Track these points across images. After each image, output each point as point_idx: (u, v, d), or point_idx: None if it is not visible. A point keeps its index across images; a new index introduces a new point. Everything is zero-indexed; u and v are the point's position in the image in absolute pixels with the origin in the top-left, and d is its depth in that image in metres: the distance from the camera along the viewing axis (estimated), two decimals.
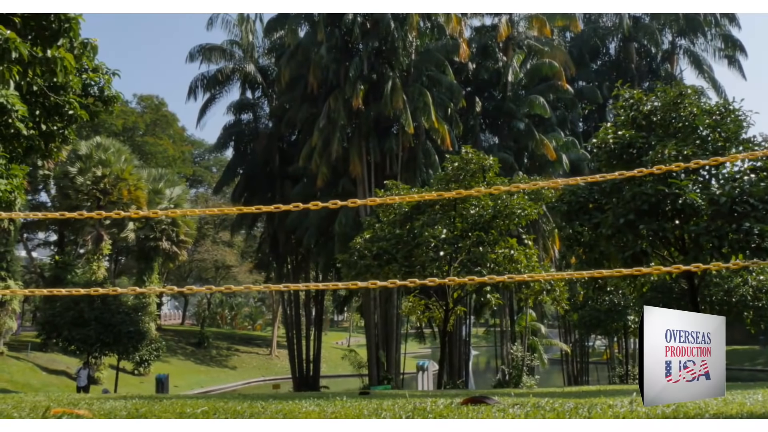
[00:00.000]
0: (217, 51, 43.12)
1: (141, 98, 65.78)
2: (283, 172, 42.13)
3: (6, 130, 14.55)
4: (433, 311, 23.65)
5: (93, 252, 44.64)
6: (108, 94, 16.78)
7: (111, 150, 43.98)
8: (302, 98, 38.09)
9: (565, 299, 22.20)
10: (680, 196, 14.76)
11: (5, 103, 13.71)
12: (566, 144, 41.93)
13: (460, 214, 21.35)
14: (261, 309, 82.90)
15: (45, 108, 15.69)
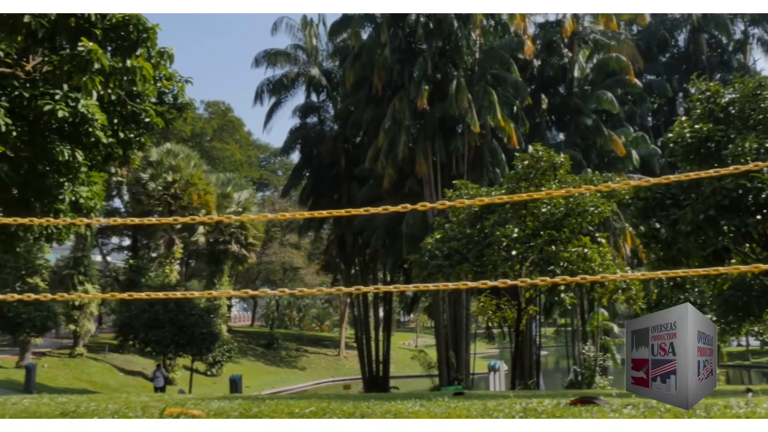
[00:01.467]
0: (282, 55, 43.64)
1: (208, 104, 67.06)
2: (349, 174, 42.34)
3: (87, 139, 14.95)
4: (505, 311, 23.40)
5: (165, 256, 45.71)
6: (181, 101, 17.12)
7: (181, 156, 44.93)
8: (367, 100, 38.21)
9: (641, 298, 21.68)
10: (763, 191, 14.24)
11: (86, 113, 14.08)
12: (636, 139, 41.04)
13: (531, 212, 21.06)
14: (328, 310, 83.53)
15: (122, 116, 16.10)
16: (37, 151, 15.45)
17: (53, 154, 15.00)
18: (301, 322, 79.71)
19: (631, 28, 49.20)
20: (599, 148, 39.91)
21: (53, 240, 18.81)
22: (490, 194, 21.59)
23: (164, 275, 44.33)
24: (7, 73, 11.84)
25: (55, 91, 14.33)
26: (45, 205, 16.68)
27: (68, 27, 10.74)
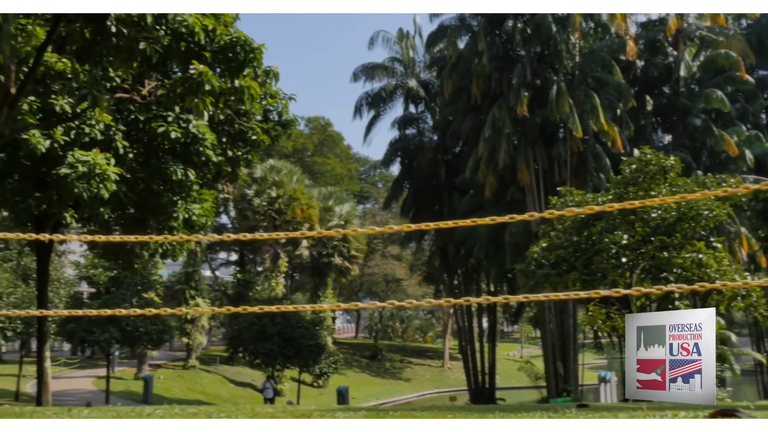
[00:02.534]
0: (380, 69, 44.04)
1: (309, 120, 68.39)
2: (450, 184, 42.20)
3: (198, 158, 15.52)
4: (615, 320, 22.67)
5: (271, 269, 46.78)
6: (286, 118, 17.53)
7: (283, 171, 45.99)
8: (466, 109, 38.01)
9: (762, 305, 20.55)
10: None
11: (197, 133, 14.63)
12: (749, 138, 39.09)
13: (640, 218, 20.35)
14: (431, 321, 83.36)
15: (231, 135, 16.63)
16: (152, 171, 16.16)
17: (167, 174, 15.64)
18: (404, 333, 79.84)
19: (739, 22, 47.01)
20: (710, 148, 38.24)
21: (168, 256, 19.60)
22: (597, 200, 21.01)
23: (270, 289, 45.41)
24: (124, 98, 12.41)
25: (167, 114, 14.96)
26: (160, 222, 17.41)
27: (180, 51, 11.16)
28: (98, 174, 13.32)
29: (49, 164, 14.59)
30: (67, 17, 10.57)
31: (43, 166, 15.09)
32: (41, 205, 15.59)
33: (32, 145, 13.73)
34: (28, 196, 15.79)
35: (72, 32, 11.36)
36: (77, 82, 11.10)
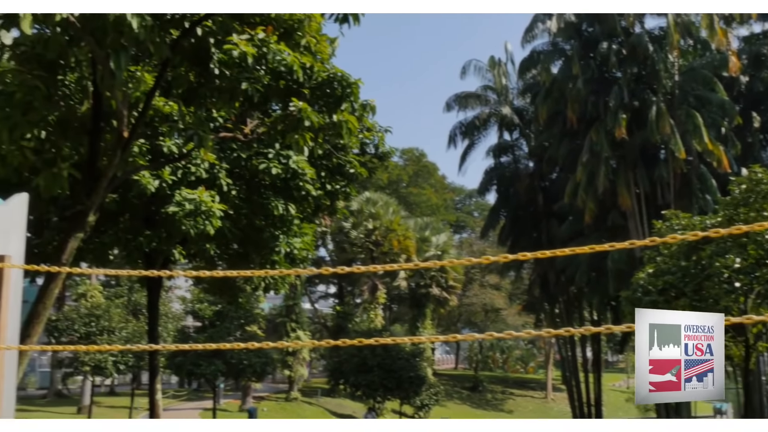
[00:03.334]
0: (473, 98, 44.03)
1: (403, 151, 68.93)
2: (548, 211, 41.51)
3: (298, 193, 15.82)
4: (730, 349, 21.59)
5: (369, 301, 47.08)
6: (382, 150, 17.70)
7: (379, 203, 46.39)
8: (561, 134, 37.44)
9: None
10: None
11: (297, 168, 14.94)
12: None
13: (754, 240, 19.40)
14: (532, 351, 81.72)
15: (329, 169, 16.91)
16: (254, 206, 16.58)
17: (269, 209, 16.01)
18: (505, 363, 78.50)
19: None
20: None
21: (270, 290, 20.00)
22: (705, 223, 20.18)
23: (369, 320, 45.65)
24: (228, 137, 12.83)
25: (268, 150, 15.36)
26: (262, 257, 17.79)
27: (279, 90, 11.46)
28: (204, 211, 13.75)
29: (158, 203, 15.18)
30: (173, 63, 11.04)
31: (153, 205, 15.72)
32: (151, 243, 16.22)
33: (142, 185, 14.33)
34: (138, 234, 16.46)
35: (178, 76, 11.86)
36: (183, 123, 11.55)
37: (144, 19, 8.60)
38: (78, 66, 11.73)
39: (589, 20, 37.09)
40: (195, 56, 11.08)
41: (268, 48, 10.85)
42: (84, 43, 9.44)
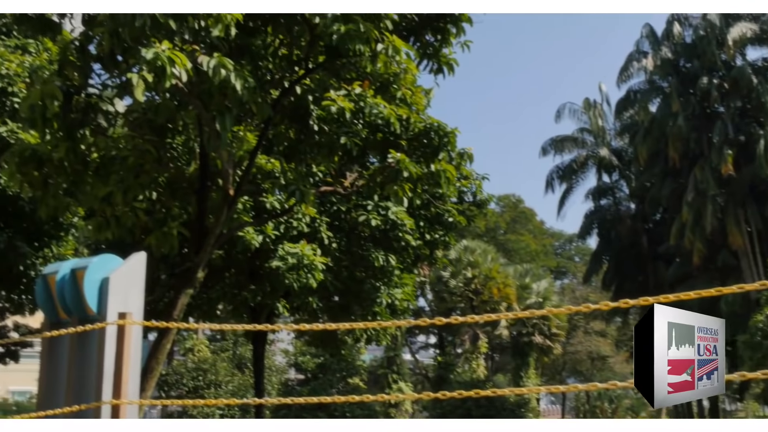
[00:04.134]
0: (569, 141, 43.48)
1: (499, 198, 68.44)
2: (653, 253, 40.15)
3: (397, 244, 15.90)
4: None
5: (471, 351, 46.34)
6: (480, 198, 17.64)
7: (477, 251, 45.96)
8: (663, 174, 36.37)
9: None
10: None
11: (396, 219, 15.03)
12: None
13: None
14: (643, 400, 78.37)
15: (428, 218, 16.95)
16: (355, 258, 16.75)
17: (369, 261, 16.15)
18: (615, 414, 75.47)
19: None
20: None
21: (372, 341, 20.02)
22: None
23: (471, 370, 44.87)
24: (328, 191, 13.06)
25: (367, 202, 15.54)
26: (364, 308, 17.88)
27: (377, 142, 11.61)
28: (306, 265, 14.00)
29: (262, 258, 15.56)
30: (274, 121, 11.39)
31: (257, 260, 16.12)
32: (256, 297, 16.58)
33: (247, 241, 14.74)
34: (244, 288, 16.87)
35: (279, 134, 12.24)
36: (285, 179, 11.84)
37: (247, 81, 8.93)
38: (185, 129, 12.28)
39: (687, 56, 36.24)
40: (295, 114, 11.42)
41: (365, 102, 11.06)
42: (191, 107, 9.87)
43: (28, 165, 10.88)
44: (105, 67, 9.58)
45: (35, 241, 19.13)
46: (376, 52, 9.90)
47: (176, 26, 8.48)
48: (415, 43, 11.35)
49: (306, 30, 10.78)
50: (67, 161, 10.66)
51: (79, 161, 10.72)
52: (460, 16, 11.02)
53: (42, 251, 19.31)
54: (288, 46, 11.31)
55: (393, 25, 10.38)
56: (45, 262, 19.16)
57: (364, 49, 9.59)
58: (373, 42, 9.63)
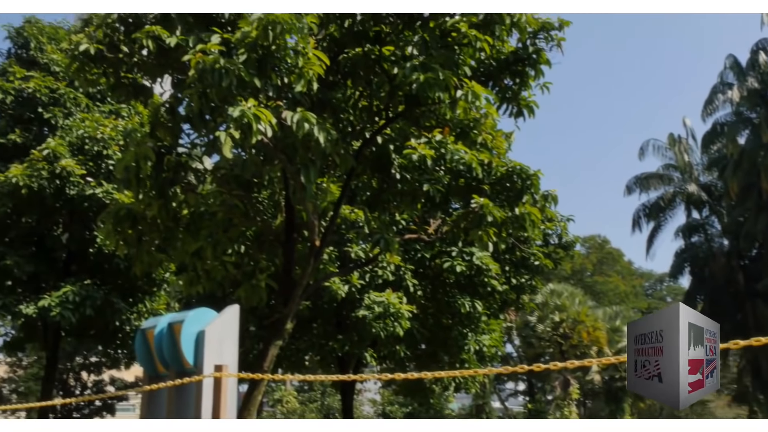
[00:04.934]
0: (654, 178, 42.42)
1: (585, 239, 67.10)
2: (751, 291, 38.41)
3: (483, 289, 15.73)
4: None
5: (562, 398, 45.08)
6: (566, 240, 17.33)
7: (564, 295, 45.03)
8: (758, 208, 34.96)
9: None
10: None
11: (481, 265, 14.90)
12: None
13: None
14: None
15: (513, 263, 16.74)
16: (441, 305, 16.65)
17: (455, 307, 16.01)
18: None
19: None
20: None
21: (460, 389, 19.72)
22: None
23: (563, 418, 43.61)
24: (412, 238, 13.08)
25: (451, 249, 15.48)
26: (451, 356, 17.69)
27: (460, 188, 11.61)
28: (393, 313, 13.99)
29: (348, 307, 15.63)
30: (357, 172, 11.54)
31: (343, 309, 16.20)
32: (344, 347, 16.61)
33: (333, 291, 14.86)
34: (331, 338, 16.94)
35: (362, 184, 12.38)
36: (369, 229, 11.92)
37: (329, 133, 9.10)
38: (270, 183, 12.58)
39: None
40: (377, 163, 11.55)
41: (446, 149, 11.10)
42: (276, 161, 10.11)
43: (123, 224, 11.33)
44: (194, 126, 9.93)
45: (130, 297, 19.79)
46: (455, 98, 9.96)
47: (260, 84, 8.75)
48: (494, 88, 11.37)
49: (385, 81, 10.95)
50: (160, 218, 11.05)
51: (170, 218, 11.09)
52: (539, 59, 11.00)
53: (136, 307, 19.93)
54: (368, 98, 11.51)
55: (471, 70, 10.45)
56: (139, 317, 19.76)
57: (443, 97, 9.66)
58: (452, 89, 9.69)
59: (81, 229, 19.22)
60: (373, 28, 10.75)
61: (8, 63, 21.31)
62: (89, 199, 17.72)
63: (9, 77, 20.57)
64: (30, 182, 17.07)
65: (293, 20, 8.73)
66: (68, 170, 17.32)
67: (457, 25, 10.13)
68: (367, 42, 10.86)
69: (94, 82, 10.73)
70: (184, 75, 9.08)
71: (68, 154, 17.82)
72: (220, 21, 9.48)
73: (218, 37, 8.85)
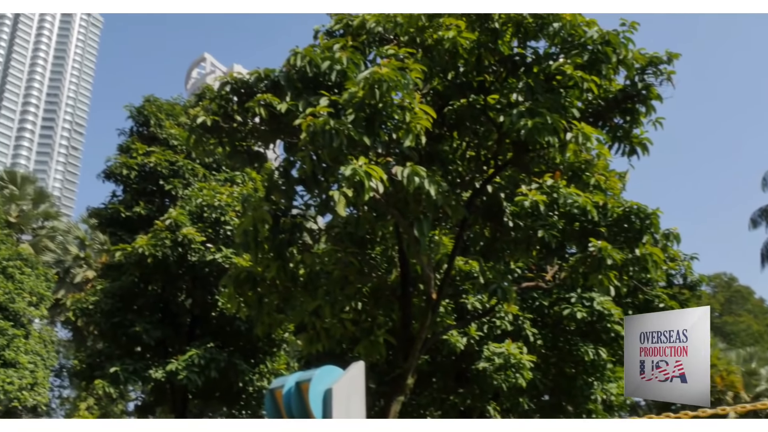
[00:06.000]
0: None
1: (710, 278, 64.00)
2: None
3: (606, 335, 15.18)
4: None
5: None
6: (691, 279, 16.57)
7: None
8: None
9: None
10: None
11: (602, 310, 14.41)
12: None
13: None
14: None
15: (636, 306, 16.11)
16: (562, 354, 16.15)
17: (578, 355, 15.49)
18: None
19: None
20: None
21: None
22: None
23: None
24: (529, 286, 12.82)
25: (570, 295, 15.06)
26: (577, 406, 17.05)
27: (575, 232, 11.31)
28: (513, 364, 13.67)
29: (467, 360, 15.39)
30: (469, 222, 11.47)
31: (463, 362, 15.96)
32: (465, 400, 16.31)
33: (452, 344, 14.69)
34: (452, 392, 16.68)
35: (474, 234, 12.28)
36: (484, 279, 11.77)
37: (440, 186, 9.12)
38: (383, 238, 12.67)
39: None
40: (488, 212, 11.45)
41: (558, 193, 10.88)
42: (389, 217, 10.18)
43: (243, 286, 11.64)
44: (307, 187, 10.17)
45: (251, 358, 20.23)
46: (565, 141, 9.81)
47: (370, 142, 8.90)
48: (604, 127, 11.15)
49: (492, 129, 10.93)
50: (278, 279, 11.30)
51: (288, 279, 11.32)
52: (649, 95, 10.73)
53: (258, 367, 20.33)
54: (475, 147, 11.50)
55: (579, 112, 10.29)
56: (261, 378, 20.13)
57: (552, 141, 9.53)
58: (561, 132, 9.56)
59: (203, 293, 19.91)
60: (476, 79, 10.79)
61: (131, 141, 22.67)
62: (210, 264, 18.38)
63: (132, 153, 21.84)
64: (155, 251, 17.89)
65: (398, 77, 8.88)
66: (189, 238, 18.07)
67: (561, 68, 10.03)
68: (471, 92, 10.90)
69: (211, 152, 11.22)
70: (296, 138, 9.35)
71: (188, 222, 18.61)
72: (327, 84, 9.74)
73: (326, 99, 9.09)
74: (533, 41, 10.80)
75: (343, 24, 10.83)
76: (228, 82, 10.47)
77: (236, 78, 10.50)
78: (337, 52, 9.70)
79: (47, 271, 28.38)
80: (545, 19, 10.21)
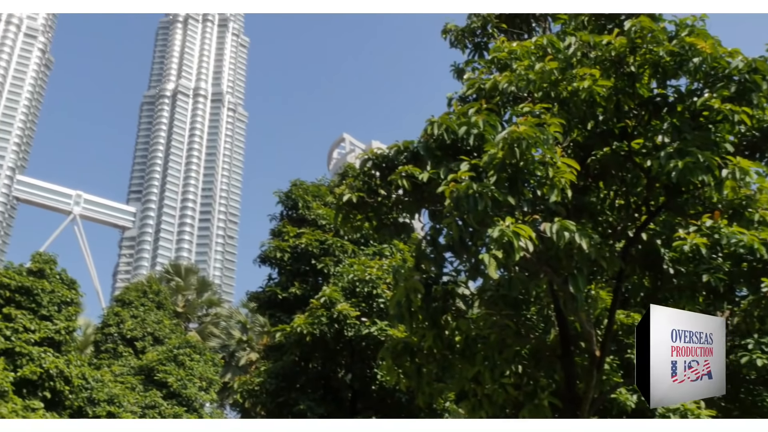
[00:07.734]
0: None
1: None
2: None
3: None
4: None
5: None
6: None
7: None
8: None
9: None
10: None
11: None
12: None
13: None
14: None
15: None
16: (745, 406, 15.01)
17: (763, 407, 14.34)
18: None
19: None
20: None
21: None
22: None
23: None
24: None
25: (746, 341, 14.03)
26: None
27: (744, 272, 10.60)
28: None
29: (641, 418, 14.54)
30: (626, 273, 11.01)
31: None
32: None
33: (621, 402, 13.98)
34: None
35: (633, 286, 11.76)
36: None
37: (591, 238, 8.86)
38: (537, 298, 12.38)
39: None
40: (646, 261, 10.96)
41: (720, 233, 10.26)
42: (542, 275, 9.96)
43: (401, 357, 11.68)
44: (456, 253, 10.16)
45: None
46: (720, 179, 9.31)
47: (514, 201, 8.82)
48: (762, 159, 10.51)
49: (640, 175, 10.57)
50: (435, 348, 11.25)
51: (445, 346, 11.25)
52: None
53: None
54: (624, 195, 11.13)
55: (732, 146, 9.78)
56: None
57: (707, 179, 9.08)
58: (715, 169, 9.10)
59: (362, 367, 20.13)
60: (617, 125, 10.52)
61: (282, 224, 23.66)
62: (366, 338, 18.62)
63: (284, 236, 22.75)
64: (312, 329, 18.37)
65: (536, 133, 8.82)
66: (344, 314, 18.44)
67: (708, 103, 9.60)
68: (614, 139, 10.62)
69: (359, 228, 11.48)
70: (440, 206, 9.43)
71: (342, 298, 19.02)
72: (466, 149, 9.80)
73: (467, 164, 9.13)
74: (673, 80, 10.44)
75: (476, 88, 10.91)
76: (369, 158, 10.77)
77: (377, 153, 10.79)
78: (472, 116, 9.77)
79: (214, 356, 29.74)
80: (684, 56, 9.86)
